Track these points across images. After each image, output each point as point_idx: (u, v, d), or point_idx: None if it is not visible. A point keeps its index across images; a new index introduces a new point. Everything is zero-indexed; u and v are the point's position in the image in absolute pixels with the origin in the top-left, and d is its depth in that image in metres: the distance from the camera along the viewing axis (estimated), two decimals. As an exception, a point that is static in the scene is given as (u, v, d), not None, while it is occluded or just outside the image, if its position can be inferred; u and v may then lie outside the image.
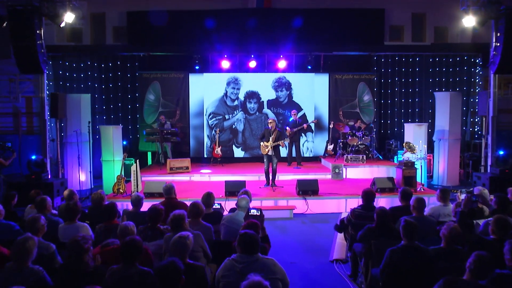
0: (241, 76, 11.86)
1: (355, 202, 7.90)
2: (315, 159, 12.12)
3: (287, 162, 11.06)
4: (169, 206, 5.09)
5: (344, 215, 7.78)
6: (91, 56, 11.60)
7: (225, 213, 6.43)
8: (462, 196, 5.13)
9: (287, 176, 9.71)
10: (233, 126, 11.96)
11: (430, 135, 10.79)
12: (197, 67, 11.43)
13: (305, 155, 11.85)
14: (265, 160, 8.57)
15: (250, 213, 4.24)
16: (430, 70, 12.17)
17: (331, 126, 11.54)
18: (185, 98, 11.77)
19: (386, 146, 12.03)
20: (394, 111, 12.42)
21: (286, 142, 8.45)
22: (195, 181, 9.60)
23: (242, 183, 8.03)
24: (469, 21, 9.25)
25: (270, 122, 8.47)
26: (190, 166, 10.02)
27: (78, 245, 3.06)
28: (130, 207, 5.70)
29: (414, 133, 10.02)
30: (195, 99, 11.84)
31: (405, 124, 10.56)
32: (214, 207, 5.25)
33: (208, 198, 5.04)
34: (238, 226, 4.46)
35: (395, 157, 11.16)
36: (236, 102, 11.91)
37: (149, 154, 11.75)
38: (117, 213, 4.56)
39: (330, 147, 11.58)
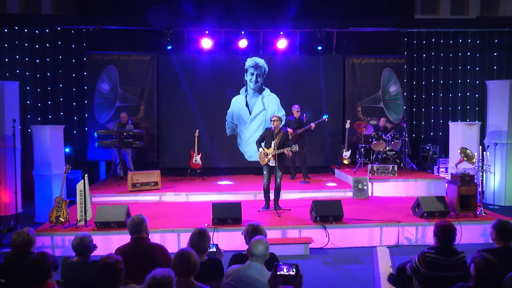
0: (227, 59, 11.51)
1: (394, 231, 7.45)
2: (325, 169, 11.77)
3: (289, 174, 10.73)
4: (138, 254, 4.05)
5: (381, 250, 6.97)
6: (20, 31, 10.87)
7: (222, 249, 5.56)
8: None
9: (292, 194, 9.25)
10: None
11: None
12: (169, 47, 10.91)
13: (310, 165, 11.16)
14: (264, 172, 7.97)
15: (278, 272, 3.07)
16: (477, 50, 11.72)
17: (347, 126, 10.96)
18: (152, 89, 11.28)
19: (420, 152, 11.67)
20: (430, 105, 11.99)
21: (294, 149, 7.76)
22: (168, 202, 9.02)
23: (237, 207, 7.28)
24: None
25: (274, 120, 7.80)
26: (160, 181, 9.44)
27: None
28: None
29: (463, 135, 9.54)
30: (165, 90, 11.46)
31: (451, 124, 10.08)
32: (209, 249, 4.25)
33: (201, 239, 4.02)
34: (254, 290, 3.37)
35: (434, 167, 10.85)
36: (220, 94, 11.67)
37: (103, 165, 11.38)
38: (51, 269, 3.39)
39: (346, 154, 11.12)
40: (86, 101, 11.13)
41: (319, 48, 11.17)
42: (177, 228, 6.94)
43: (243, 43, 10.99)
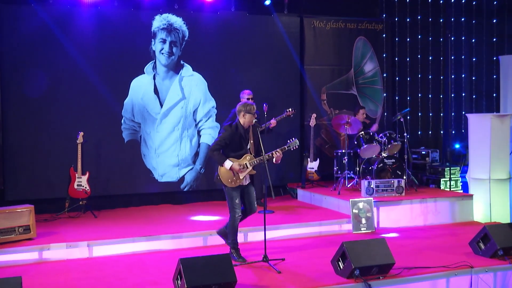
0: (122, 16, 10.95)
1: (465, 282, 6.95)
2: (276, 190, 11.27)
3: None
4: None
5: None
6: None
7: None
8: None
9: (261, 233, 8.55)
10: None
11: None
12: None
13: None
14: (236, 199, 7.38)
15: None
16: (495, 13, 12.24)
17: (311, 123, 11.04)
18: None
19: (412, 159, 12.15)
20: (416, 92, 12.43)
21: (293, 146, 7.35)
22: (58, 262, 7.77)
23: (225, 263, 6.37)
24: None
25: (250, 113, 7.28)
26: (34, 225, 8.21)
27: None
28: None
29: (492, 132, 9.66)
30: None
31: (471, 116, 10.36)
32: None
33: None
34: None
35: (441, 180, 11.14)
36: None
37: None
38: None
39: (313, 165, 11.09)
40: None
41: (266, 3, 11.18)
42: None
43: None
